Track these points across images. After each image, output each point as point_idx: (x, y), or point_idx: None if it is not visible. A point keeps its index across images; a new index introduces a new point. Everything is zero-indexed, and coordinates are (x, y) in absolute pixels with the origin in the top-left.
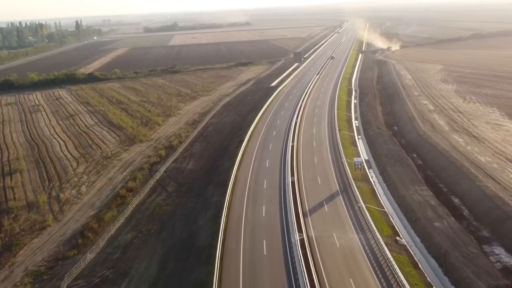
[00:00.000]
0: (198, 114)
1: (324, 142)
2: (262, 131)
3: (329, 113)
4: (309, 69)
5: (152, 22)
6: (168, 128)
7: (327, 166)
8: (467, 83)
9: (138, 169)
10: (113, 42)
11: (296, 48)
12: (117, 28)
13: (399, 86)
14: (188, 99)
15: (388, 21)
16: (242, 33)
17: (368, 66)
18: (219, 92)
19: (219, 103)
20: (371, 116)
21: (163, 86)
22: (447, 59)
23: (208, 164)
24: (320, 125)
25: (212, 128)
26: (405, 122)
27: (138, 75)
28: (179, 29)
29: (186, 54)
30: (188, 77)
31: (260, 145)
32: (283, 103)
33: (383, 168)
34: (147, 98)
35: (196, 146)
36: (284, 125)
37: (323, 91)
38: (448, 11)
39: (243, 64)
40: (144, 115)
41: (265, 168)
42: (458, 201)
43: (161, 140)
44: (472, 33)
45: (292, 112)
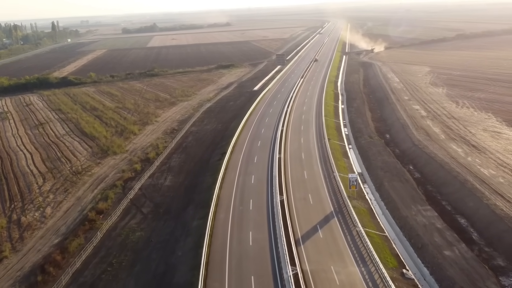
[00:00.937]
0: (177, 121)
1: (314, 154)
2: (246, 141)
3: (316, 120)
4: (293, 71)
5: (131, 23)
6: (145, 138)
7: (318, 182)
8: (458, 86)
9: (110, 187)
10: (90, 43)
11: (278, 49)
12: (95, 29)
13: (388, 90)
14: (167, 104)
15: (370, 21)
16: (223, 34)
17: (353, 69)
18: (199, 97)
19: (199, 109)
20: (361, 123)
21: (140, 90)
22: (434, 61)
23: (188, 180)
24: (308, 134)
25: (192, 138)
26: (398, 129)
27: (115, 79)
28: (159, 30)
29: (165, 56)
30: (167, 81)
31: (245, 157)
32: (267, 109)
33: (380, 183)
34: (123, 104)
35: (174, 158)
36: (270, 134)
37: (309, 95)
38: (429, 11)
39: (224, 67)
40: (119, 123)
41: (251, 185)
42: (465, 221)
43: (137, 151)
44: (456, 34)
45: (277, 119)
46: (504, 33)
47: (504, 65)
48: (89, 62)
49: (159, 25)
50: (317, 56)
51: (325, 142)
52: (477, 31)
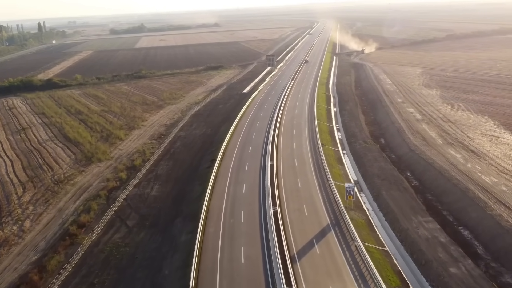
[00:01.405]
0: (164, 126)
1: (307, 160)
2: (237, 147)
3: (309, 124)
4: (283, 73)
5: (119, 24)
6: (131, 144)
7: (313, 191)
8: (451, 88)
9: (93, 197)
10: (77, 44)
11: (268, 50)
12: (83, 30)
13: (380, 92)
14: (154, 108)
15: (359, 21)
16: (212, 35)
17: (344, 70)
18: (188, 100)
19: (188, 112)
20: (355, 127)
21: (127, 93)
22: (426, 62)
23: (176, 190)
24: (300, 139)
25: (181, 143)
26: (393, 134)
27: (101, 81)
28: (147, 31)
29: (153, 57)
30: (154, 83)
31: (235, 164)
32: (258, 113)
33: (377, 192)
34: (109, 108)
35: (162, 165)
36: (261, 139)
37: (300, 98)
38: (417, 12)
39: (213, 68)
40: (105, 127)
41: (242, 195)
42: (468, 233)
43: (123, 158)
44: (446, 34)
45: (268, 124)
46: (494, 33)
47: (497, 66)
48: (75, 63)
49: (147, 26)
50: (308, 57)
51: (319, 147)
52: (467, 32)
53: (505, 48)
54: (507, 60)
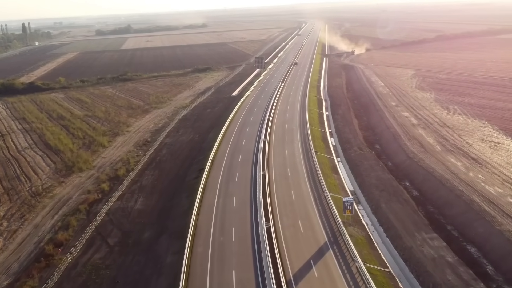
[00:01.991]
0: (150, 131)
1: (301, 169)
2: (226, 154)
3: (301, 130)
4: (273, 75)
5: (105, 24)
6: (115, 151)
7: (308, 204)
8: (446, 90)
9: (73, 212)
10: (62, 46)
11: (256, 51)
12: (68, 31)
13: (373, 94)
14: (140, 112)
15: (347, 22)
16: (199, 36)
17: (335, 72)
18: (174, 104)
19: (174, 117)
20: (348, 133)
21: (112, 96)
22: (417, 63)
23: (162, 203)
24: (293, 146)
25: (167, 151)
26: (389, 140)
27: (85, 84)
28: (133, 32)
29: (139, 59)
30: (140, 86)
31: (225, 174)
32: (247, 118)
33: (376, 205)
34: (93, 112)
35: (147, 175)
36: (251, 146)
37: (291, 101)
38: (405, 12)
39: (201, 70)
40: (88, 134)
41: (232, 210)
42: (476, 251)
43: (105, 168)
44: (436, 35)
45: (258, 129)
46: (483, 34)
47: (489, 67)
48: (59, 65)
49: (134, 27)
50: (297, 59)
51: (312, 155)
52: (457, 32)
53: (496, 49)
54: (499, 62)
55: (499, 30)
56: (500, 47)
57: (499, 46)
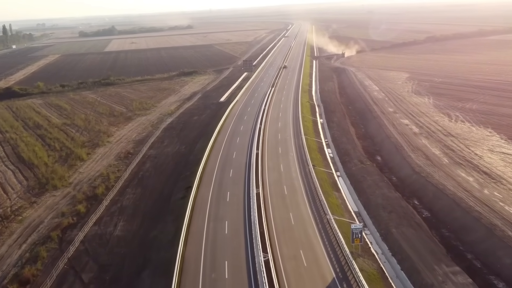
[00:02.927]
0: (133, 142)
1: (298, 187)
2: (216, 169)
3: (295, 140)
4: (262, 79)
5: (89, 26)
6: (94, 165)
7: (310, 230)
8: (444, 95)
9: (43, 239)
10: (44, 48)
11: (243, 53)
12: (51, 32)
13: (368, 100)
14: (122, 120)
15: (334, 23)
16: (184, 37)
17: (326, 75)
18: (159, 110)
19: (159, 125)
20: (346, 143)
21: (93, 102)
22: (411, 66)
23: (145, 228)
24: (288, 159)
25: (151, 165)
26: (390, 150)
27: (66, 89)
28: (117, 33)
29: (123, 62)
30: (123, 91)
31: (214, 193)
32: (237, 126)
33: (386, 229)
34: (72, 120)
35: (128, 194)
36: (243, 160)
37: (283, 108)
38: (390, 13)
39: (187, 74)
40: (65, 145)
41: (225, 237)
42: (504, 286)
43: (83, 185)
44: (426, 36)
45: (250, 140)
46: (473, 35)
47: (486, 70)
48: (40, 69)
49: (118, 28)
50: (286, 62)
51: (310, 170)
52: (448, 34)
53: (489, 50)
54: (496, 64)
55: (489, 31)
56: (493, 49)
57: (491, 47)
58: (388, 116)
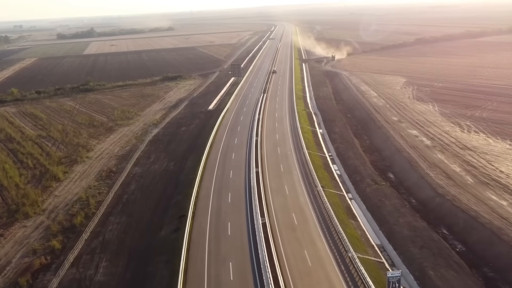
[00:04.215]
0: (115, 158)
1: (309, 215)
2: (211, 193)
3: (297, 155)
4: (252, 84)
5: (67, 28)
6: (72, 187)
7: (332, 275)
8: (448, 101)
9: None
10: (20, 51)
11: (229, 56)
12: (28, 34)
13: (369, 107)
14: (103, 131)
15: (317, 25)
16: (166, 40)
17: (318, 80)
18: (143, 120)
19: (144, 138)
20: (353, 158)
21: (71, 111)
22: (406, 70)
23: (131, 271)
24: (292, 179)
25: (136, 186)
26: (404, 167)
27: (42, 96)
28: (97, 35)
29: (103, 65)
30: (104, 97)
31: (213, 225)
32: (230, 139)
33: (421, 271)
34: (48, 132)
35: (112, 224)
36: (241, 180)
37: (278, 117)
38: (373, 14)
39: (171, 79)
40: (40, 161)
41: (230, 285)
42: None
43: (59, 212)
44: (415, 38)
45: (246, 155)
46: (462, 37)
47: (486, 74)
48: (15, 73)
49: (97, 30)
50: (275, 66)
51: (319, 192)
52: (437, 35)
53: (483, 53)
54: (495, 68)
55: (478, 33)
56: (486, 51)
57: (484, 50)
58: (393, 126)
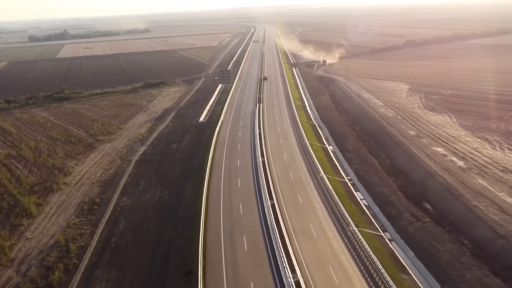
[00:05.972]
0: (98, 184)
1: (350, 268)
2: (222, 237)
3: (314, 182)
4: (243, 92)
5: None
6: (47, 225)
7: None
8: (464, 112)
9: None
10: None
11: (212, 60)
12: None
13: (379, 119)
14: (82, 149)
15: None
16: (143, 42)
17: (314, 86)
18: (127, 135)
19: (130, 157)
20: (381, 185)
21: (45, 123)
22: (404, 75)
23: None
24: (316, 214)
25: (126, 225)
26: (442, 196)
27: (12, 106)
28: (70, 38)
29: (78, 70)
30: (81, 107)
31: (230, 285)
32: (232, 161)
33: None
34: (18, 150)
35: (99, 282)
36: (255, 218)
37: (281, 132)
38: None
39: (153, 85)
40: (8, 190)
41: None
42: None
43: (31, 263)
44: (405, 40)
45: (254, 182)
46: (452, 39)
47: (492, 79)
48: None
49: (70, 32)
50: (265, 71)
51: (354, 234)
52: (427, 38)
53: (479, 56)
54: (498, 72)
55: (467, 35)
56: (482, 54)
57: (479, 53)
58: (414, 142)
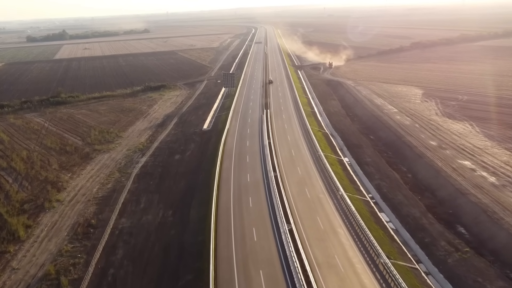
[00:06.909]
0: (94, 202)
1: None
2: (236, 273)
3: (334, 202)
4: (248, 97)
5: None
6: (36, 252)
7: None
8: (486, 119)
9: None
10: None
11: (213, 62)
12: None
13: (395, 127)
14: (77, 160)
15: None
16: (143, 43)
17: (322, 91)
18: (126, 143)
19: (129, 170)
20: (408, 205)
21: (39, 130)
22: (415, 78)
23: None
24: (340, 242)
25: (125, 252)
26: (478, 219)
27: (5, 110)
28: (69, 38)
29: (76, 72)
30: (77, 112)
31: None
32: (242, 175)
33: None
34: (9, 161)
35: None
36: (271, 246)
37: (292, 142)
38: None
39: (154, 89)
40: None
41: None
42: None
43: None
44: (411, 42)
45: (268, 201)
46: (459, 41)
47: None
48: None
49: (69, 32)
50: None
51: (386, 267)
52: (434, 39)
53: (491, 59)
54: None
55: (474, 37)
56: (494, 57)
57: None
58: (437, 154)
